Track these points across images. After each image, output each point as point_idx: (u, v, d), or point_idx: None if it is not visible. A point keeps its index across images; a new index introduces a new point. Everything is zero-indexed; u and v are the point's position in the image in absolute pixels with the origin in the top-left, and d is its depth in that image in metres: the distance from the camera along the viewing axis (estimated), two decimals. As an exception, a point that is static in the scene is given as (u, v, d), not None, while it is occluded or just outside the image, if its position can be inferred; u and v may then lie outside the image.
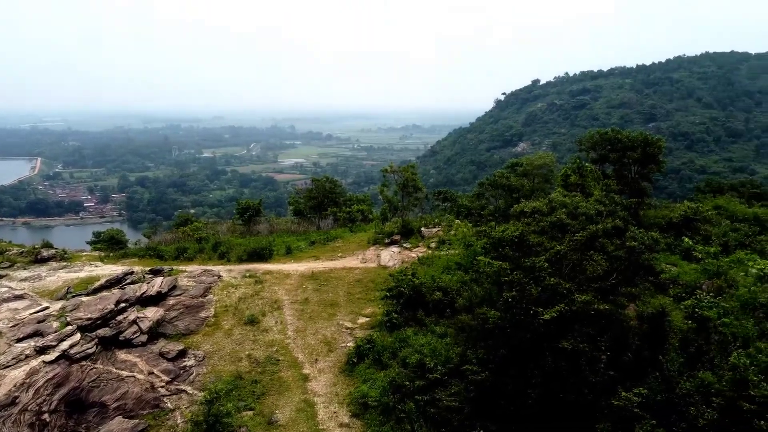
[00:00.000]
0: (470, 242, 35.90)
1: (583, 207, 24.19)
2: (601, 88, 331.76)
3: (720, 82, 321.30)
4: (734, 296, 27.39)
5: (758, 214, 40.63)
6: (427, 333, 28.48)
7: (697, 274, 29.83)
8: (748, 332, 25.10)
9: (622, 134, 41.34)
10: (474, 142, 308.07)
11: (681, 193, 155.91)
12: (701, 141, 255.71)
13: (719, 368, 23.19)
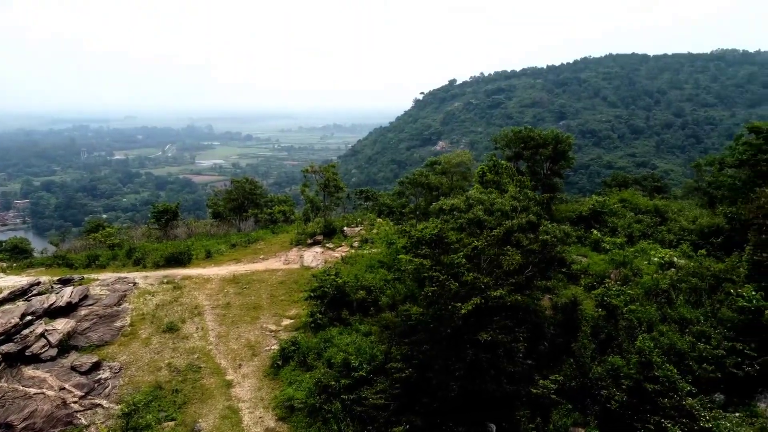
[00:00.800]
0: (392, 240, 36.31)
1: (499, 203, 25.04)
2: (515, 88, 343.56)
3: (623, 82, 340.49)
4: (639, 284, 29.21)
5: (659, 206, 43.41)
6: (352, 332, 28.58)
7: (606, 264, 31.54)
8: (652, 317, 26.86)
9: (534, 132, 43.02)
10: (394, 141, 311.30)
11: (590, 187, 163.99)
12: (607, 138, 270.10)
13: (627, 352, 24.67)
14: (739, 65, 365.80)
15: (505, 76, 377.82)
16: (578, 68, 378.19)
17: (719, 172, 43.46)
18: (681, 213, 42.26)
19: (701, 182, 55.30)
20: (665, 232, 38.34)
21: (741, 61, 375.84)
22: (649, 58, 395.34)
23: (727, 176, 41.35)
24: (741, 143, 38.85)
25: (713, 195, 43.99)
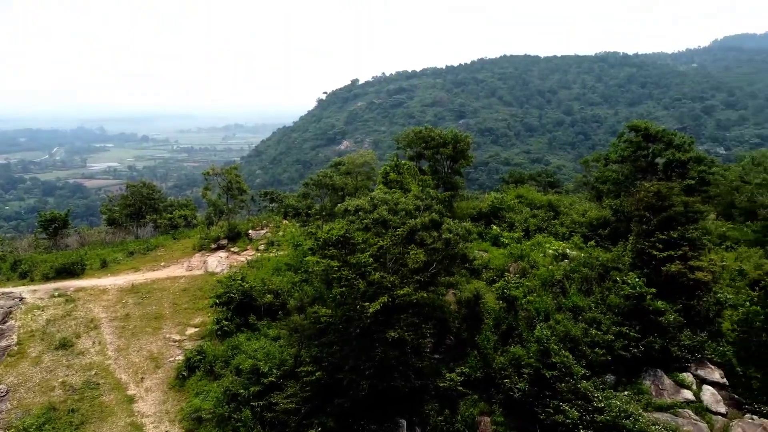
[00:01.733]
0: (299, 242, 36.05)
1: (403, 203, 25.53)
2: (416, 88, 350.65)
3: (517, 82, 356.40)
4: (536, 275, 30.78)
5: (552, 201, 45.89)
6: (260, 337, 28.13)
7: (505, 258, 32.95)
8: (548, 307, 28.39)
9: (434, 132, 44.14)
10: (299, 140, 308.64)
11: (490, 183, 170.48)
12: (504, 136, 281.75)
13: (527, 341, 25.95)
14: (620, 67, 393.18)
15: (406, 76, 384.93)
16: (475, 69, 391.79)
17: (605, 168, 46.58)
18: (572, 207, 44.88)
19: (589, 177, 59.06)
20: (558, 226, 40.58)
21: (621, 63, 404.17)
22: (540, 59, 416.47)
23: (611, 171, 44.40)
24: (623, 141, 41.87)
25: (600, 189, 47.08)
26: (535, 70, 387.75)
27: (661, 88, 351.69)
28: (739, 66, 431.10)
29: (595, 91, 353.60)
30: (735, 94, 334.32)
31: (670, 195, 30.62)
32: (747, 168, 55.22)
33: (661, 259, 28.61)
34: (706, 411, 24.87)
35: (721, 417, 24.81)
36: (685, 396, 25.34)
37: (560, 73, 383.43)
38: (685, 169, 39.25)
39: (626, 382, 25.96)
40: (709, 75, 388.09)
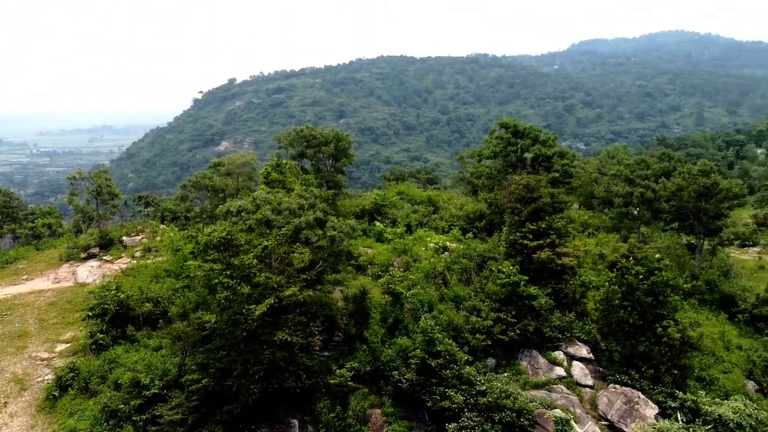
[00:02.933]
0: (178, 247, 34.61)
1: (287, 202, 25.31)
2: (295, 87, 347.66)
3: (395, 82, 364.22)
4: (419, 269, 31.77)
5: (431, 197, 47.54)
6: (140, 348, 26.71)
7: (389, 253, 33.70)
8: (432, 298, 29.45)
9: (316, 131, 44.12)
10: (174, 142, 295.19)
11: (372, 182, 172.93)
12: (384, 134, 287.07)
13: (413, 333, 26.76)
14: (490, 68, 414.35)
15: (285, 76, 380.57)
16: (354, 68, 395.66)
17: (479, 163, 48.96)
18: (450, 201, 46.76)
19: (465, 173, 61.81)
20: (438, 220, 42.12)
21: (492, 64, 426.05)
22: (416, 60, 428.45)
23: (485, 167, 46.73)
24: (494, 137, 44.17)
25: (475, 184, 49.43)
26: (411, 71, 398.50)
27: (528, 88, 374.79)
28: (594, 68, 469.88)
29: (468, 91, 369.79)
30: (591, 94, 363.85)
31: (538, 187, 32.84)
32: (603, 161, 60.46)
33: (532, 247, 30.63)
34: (576, 385, 27.04)
35: (589, 389, 27.08)
36: (558, 372, 27.36)
37: (435, 74, 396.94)
38: (550, 162, 42.15)
39: (506, 364, 27.57)
40: (569, 76, 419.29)
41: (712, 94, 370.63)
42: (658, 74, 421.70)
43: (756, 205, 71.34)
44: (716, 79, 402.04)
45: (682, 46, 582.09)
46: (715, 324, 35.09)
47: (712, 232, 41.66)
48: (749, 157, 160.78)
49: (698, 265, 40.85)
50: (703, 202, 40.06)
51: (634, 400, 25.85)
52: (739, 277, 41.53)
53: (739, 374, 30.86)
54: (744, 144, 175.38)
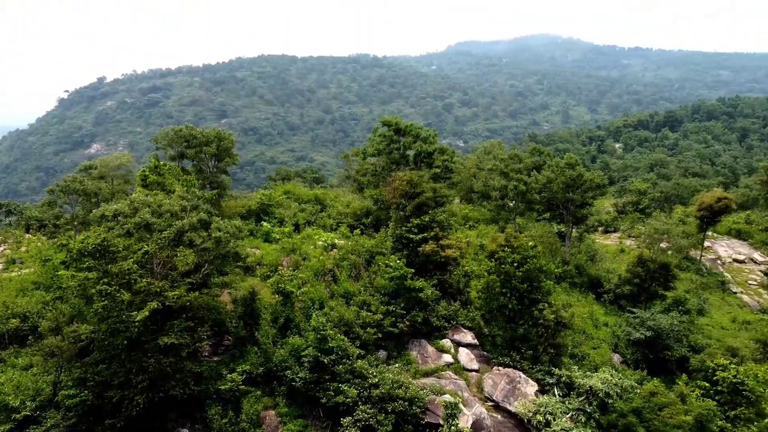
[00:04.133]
0: (48, 257, 32.11)
1: (167, 204, 24.35)
2: (172, 86, 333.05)
3: (277, 81, 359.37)
4: (308, 267, 31.75)
5: (318, 195, 47.58)
6: (7, 369, 24.52)
7: (278, 253, 33.36)
8: (322, 295, 29.56)
9: (196, 131, 42.62)
10: (38, 145, 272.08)
11: (257, 182, 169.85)
12: (268, 134, 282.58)
13: (305, 331, 26.74)
14: (372, 68, 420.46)
15: (161, 74, 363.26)
16: (234, 67, 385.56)
17: (363, 161, 49.71)
18: (337, 199, 47.08)
19: (351, 171, 62.44)
20: (326, 218, 42.28)
21: (373, 65, 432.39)
22: (298, 59, 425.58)
23: (369, 164, 47.55)
24: (377, 135, 45.08)
25: (361, 181, 50.13)
26: (293, 70, 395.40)
27: (408, 88, 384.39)
28: (470, 68, 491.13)
29: (350, 91, 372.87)
30: (468, 94, 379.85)
31: (421, 183, 33.95)
32: (481, 157, 63.45)
33: (417, 241, 31.63)
34: (463, 370, 28.33)
35: (475, 373, 28.46)
36: (446, 359, 28.50)
37: (317, 73, 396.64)
38: (431, 159, 43.73)
39: (396, 355, 28.29)
40: (446, 76, 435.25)
41: (576, 93, 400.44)
42: (527, 75, 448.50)
43: (616, 195, 78.02)
44: (578, 79, 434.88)
45: (548, 49, 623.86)
46: (584, 304, 38.08)
47: (579, 220, 45.18)
48: (609, 151, 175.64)
49: (568, 251, 44.10)
50: (571, 193, 43.31)
51: (516, 379, 27.51)
52: (604, 261, 45.31)
53: (606, 349, 33.79)
54: (604, 139, 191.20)
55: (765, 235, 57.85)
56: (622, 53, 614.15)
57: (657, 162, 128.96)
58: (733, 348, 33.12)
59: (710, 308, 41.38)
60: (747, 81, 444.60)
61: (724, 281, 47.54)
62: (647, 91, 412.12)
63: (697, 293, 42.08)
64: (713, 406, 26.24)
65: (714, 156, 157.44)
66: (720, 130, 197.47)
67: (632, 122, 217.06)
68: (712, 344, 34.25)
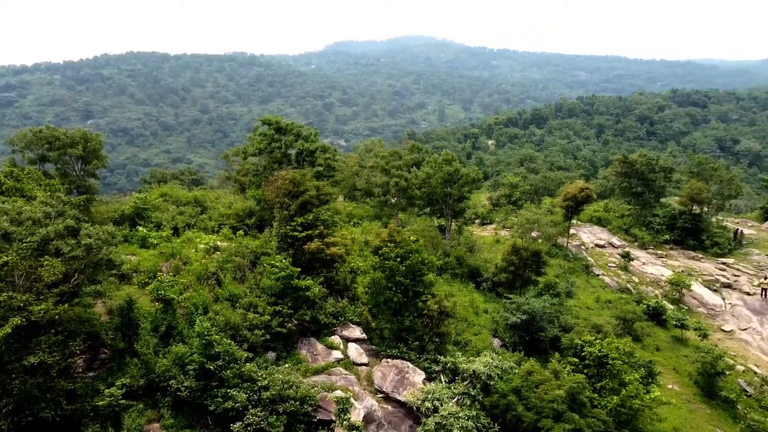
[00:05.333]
0: None
1: (28, 211, 22.46)
2: (29, 84, 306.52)
3: (148, 79, 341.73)
4: (190, 271, 30.60)
5: (198, 197, 45.85)
6: None
7: (156, 258, 31.82)
8: (206, 300, 28.66)
9: (59, 131, 39.56)
10: None
11: (130, 186, 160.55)
12: (141, 136, 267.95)
13: (189, 338, 25.76)
14: (249, 66, 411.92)
15: (14, 71, 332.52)
16: (99, 65, 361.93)
17: (244, 161, 48.69)
18: (219, 201, 45.66)
19: (231, 171, 60.87)
20: (207, 220, 40.92)
21: (250, 63, 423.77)
22: (170, 57, 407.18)
23: (251, 164, 46.66)
24: (258, 134, 44.30)
25: (242, 181, 49.06)
26: (166, 68, 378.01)
27: (288, 87, 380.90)
28: (348, 68, 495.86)
29: (228, 90, 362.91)
30: (348, 93, 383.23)
31: (304, 181, 33.88)
32: (362, 155, 64.36)
33: (302, 239, 31.55)
34: (353, 364, 28.67)
35: (365, 366, 28.90)
36: (336, 356, 28.70)
37: (192, 71, 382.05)
38: (314, 157, 43.71)
39: (286, 356, 28.06)
40: (326, 76, 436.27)
41: (450, 93, 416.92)
42: (404, 75, 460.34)
43: (490, 189, 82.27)
44: (453, 79, 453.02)
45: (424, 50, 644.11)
46: (465, 293, 39.86)
47: (458, 213, 47.21)
48: (482, 147, 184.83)
49: (448, 243, 45.92)
50: (449, 188, 45.12)
51: (404, 370, 28.28)
52: (481, 251, 47.65)
53: (486, 334, 35.63)
54: (478, 136, 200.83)
55: (621, 222, 63.54)
56: (491, 54, 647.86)
57: (526, 157, 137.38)
58: (597, 325, 36.28)
59: (577, 290, 44.79)
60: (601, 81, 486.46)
61: (587, 265, 51.65)
62: (515, 91, 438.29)
63: (565, 277, 45.38)
64: (582, 379, 28.54)
65: (576, 150, 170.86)
66: (580, 127, 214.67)
67: (503, 120, 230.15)
68: (579, 323, 37.20)
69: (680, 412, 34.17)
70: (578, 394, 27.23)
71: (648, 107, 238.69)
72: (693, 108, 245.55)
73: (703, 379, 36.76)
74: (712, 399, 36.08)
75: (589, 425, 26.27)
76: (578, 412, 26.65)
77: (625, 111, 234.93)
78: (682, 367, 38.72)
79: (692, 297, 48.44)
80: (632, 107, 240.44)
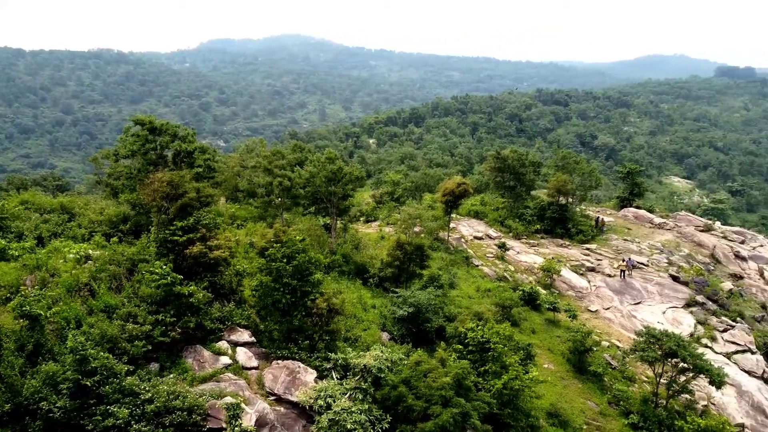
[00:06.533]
0: None
1: None
2: None
3: (0, 77, 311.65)
4: (59, 284, 28.44)
5: (64, 204, 42.66)
6: None
7: (18, 271, 29.27)
8: (79, 313, 26.77)
9: None
10: None
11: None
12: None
13: (61, 355, 23.94)
14: (117, 64, 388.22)
15: None
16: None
17: (116, 164, 45.91)
18: (88, 207, 42.73)
19: (101, 175, 57.13)
20: (76, 228, 38.22)
21: (118, 61, 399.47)
22: (26, 53, 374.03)
23: (123, 167, 44.08)
24: (130, 135, 41.92)
25: (115, 185, 46.17)
26: (20, 65, 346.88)
27: (161, 86, 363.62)
28: (225, 67, 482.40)
29: (94, 89, 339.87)
30: (225, 92, 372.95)
31: (183, 183, 32.61)
32: (243, 155, 62.99)
33: (183, 243, 30.36)
34: (242, 369, 28.09)
35: (255, 370, 28.42)
36: (224, 362, 27.96)
37: (52, 69, 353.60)
38: (192, 158, 42.05)
39: (171, 366, 26.90)
40: (201, 74, 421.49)
41: (330, 92, 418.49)
42: (284, 74, 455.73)
43: (373, 187, 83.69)
44: (332, 79, 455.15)
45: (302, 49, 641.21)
46: (353, 290, 40.29)
47: (343, 211, 47.57)
48: (364, 146, 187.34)
49: (334, 241, 46.16)
50: (333, 186, 45.32)
51: (295, 370, 28.14)
52: (367, 248, 48.38)
53: (375, 329, 36.27)
54: (359, 135, 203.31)
55: (497, 214, 67.11)
56: (369, 54, 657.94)
57: (406, 155, 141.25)
58: (479, 313, 38.14)
59: (459, 281, 46.75)
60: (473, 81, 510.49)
61: (467, 256, 54.05)
62: (394, 90, 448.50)
63: (447, 269, 47.22)
64: (467, 365, 29.93)
65: (453, 148, 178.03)
66: (456, 125, 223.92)
67: (383, 119, 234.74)
68: (462, 312, 38.91)
69: (555, 389, 36.80)
70: (464, 379, 28.51)
71: (517, 106, 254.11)
72: (556, 106, 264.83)
73: (574, 356, 39.76)
74: (583, 374, 39.14)
75: (475, 408, 27.62)
76: (465, 396, 27.93)
77: (497, 109, 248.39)
78: (556, 347, 41.64)
79: (562, 281, 52.20)
80: (503, 106, 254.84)
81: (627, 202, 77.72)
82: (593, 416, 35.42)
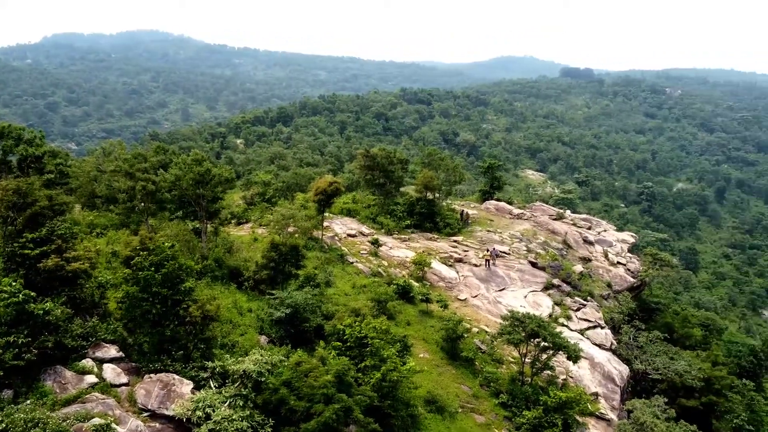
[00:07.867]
0: None
1: None
2: None
3: None
4: None
5: None
6: None
7: None
8: None
9: None
10: None
11: None
12: None
13: None
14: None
15: None
16: None
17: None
18: None
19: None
20: None
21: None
22: None
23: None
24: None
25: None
26: None
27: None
28: (74, 64, 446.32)
29: None
30: (75, 91, 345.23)
31: (32, 191, 29.98)
32: (100, 159, 58.79)
33: (36, 257, 27.88)
34: (111, 387, 26.39)
35: (125, 387, 26.81)
36: (89, 381, 26.09)
37: None
38: (41, 163, 38.72)
39: (27, 391, 24.65)
40: (46, 72, 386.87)
41: (193, 91, 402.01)
42: (141, 72, 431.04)
43: (243, 188, 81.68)
44: (195, 77, 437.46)
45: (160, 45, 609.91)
46: (227, 295, 39.21)
47: (212, 214, 45.96)
48: (231, 146, 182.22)
49: (205, 246, 44.53)
50: (201, 189, 43.64)
51: (170, 383, 26.90)
52: (240, 251, 47.19)
53: (253, 333, 35.59)
54: (226, 135, 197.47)
55: (368, 211, 68.30)
56: (233, 53, 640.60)
57: (276, 155, 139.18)
58: (356, 309, 38.71)
59: (335, 279, 47.05)
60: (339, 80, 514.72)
61: (342, 254, 54.53)
62: (260, 89, 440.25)
63: (323, 268, 47.33)
64: (347, 361, 30.30)
65: (322, 147, 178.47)
66: (324, 124, 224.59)
67: (250, 118, 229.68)
68: (340, 309, 39.26)
69: (431, 377, 38.31)
70: (344, 375, 28.84)
71: (383, 105, 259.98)
72: (420, 105, 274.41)
73: (447, 344, 41.60)
74: (456, 360, 41.08)
75: (357, 402, 28.09)
76: (346, 392, 28.27)
77: (364, 108, 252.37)
78: (430, 337, 43.30)
79: (433, 273, 54.30)
80: (369, 105, 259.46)
81: (488, 195, 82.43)
82: (467, 399, 37.34)
